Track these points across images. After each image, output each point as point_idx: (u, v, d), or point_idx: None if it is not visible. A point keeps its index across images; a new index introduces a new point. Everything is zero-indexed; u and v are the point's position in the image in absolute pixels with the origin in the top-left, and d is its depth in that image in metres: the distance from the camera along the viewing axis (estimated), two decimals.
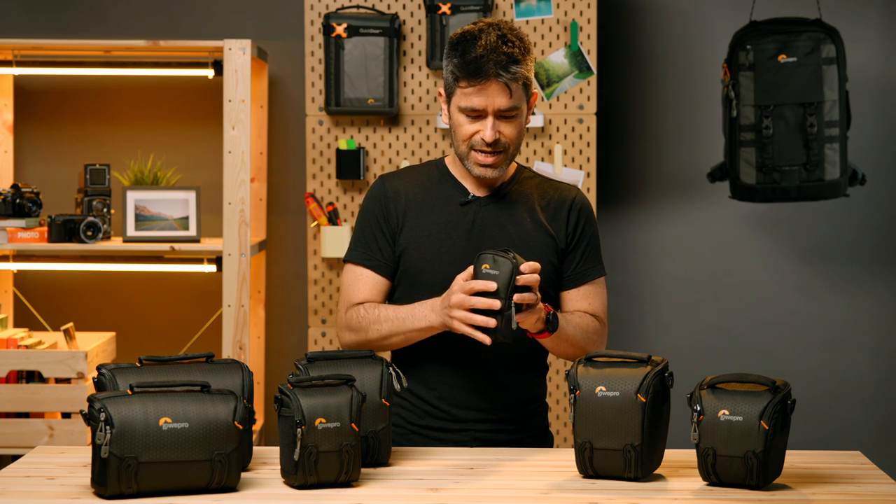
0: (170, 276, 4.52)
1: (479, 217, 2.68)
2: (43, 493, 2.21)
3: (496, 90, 2.56)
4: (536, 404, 2.74)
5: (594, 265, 2.73)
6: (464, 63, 2.56)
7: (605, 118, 4.47)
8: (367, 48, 4.11)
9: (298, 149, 4.45)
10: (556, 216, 2.70)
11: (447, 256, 2.65)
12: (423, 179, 2.73)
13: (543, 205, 2.71)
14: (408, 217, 2.68)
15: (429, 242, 2.67)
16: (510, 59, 2.55)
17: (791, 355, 4.53)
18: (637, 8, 4.52)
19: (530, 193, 2.71)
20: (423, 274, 2.66)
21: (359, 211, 2.75)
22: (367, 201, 2.73)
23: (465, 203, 2.69)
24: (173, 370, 2.32)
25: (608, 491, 2.25)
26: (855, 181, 4.09)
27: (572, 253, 2.71)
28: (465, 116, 2.60)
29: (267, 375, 4.53)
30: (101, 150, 4.52)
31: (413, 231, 2.68)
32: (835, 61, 4.00)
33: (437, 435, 2.67)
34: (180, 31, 4.50)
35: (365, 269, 2.69)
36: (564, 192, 2.74)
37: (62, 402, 3.99)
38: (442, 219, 2.68)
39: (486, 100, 2.56)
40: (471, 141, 2.61)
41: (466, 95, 2.57)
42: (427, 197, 2.70)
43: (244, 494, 2.21)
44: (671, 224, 4.55)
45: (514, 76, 2.56)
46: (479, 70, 2.54)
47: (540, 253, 2.65)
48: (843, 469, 2.41)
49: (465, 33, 2.59)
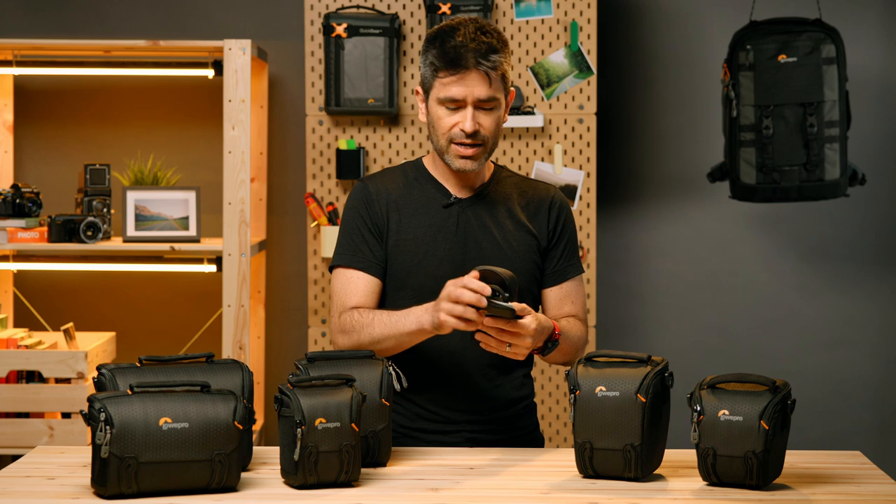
0: (170, 276, 4.52)
1: (463, 219, 2.68)
2: (43, 493, 2.21)
3: (476, 79, 2.57)
4: (525, 403, 2.75)
5: (573, 262, 2.76)
6: (443, 53, 2.57)
7: (605, 118, 4.47)
8: (367, 48, 4.11)
9: (298, 149, 4.45)
10: (536, 215, 2.72)
11: (434, 259, 2.65)
12: (404, 181, 2.73)
13: (523, 204, 2.72)
14: (391, 219, 2.68)
15: (414, 245, 2.67)
16: (489, 49, 2.57)
17: (791, 355, 4.53)
18: (637, 8, 4.52)
19: (510, 193, 2.73)
20: (410, 277, 2.66)
21: (342, 215, 2.73)
22: (351, 203, 2.72)
23: (447, 205, 2.69)
24: (173, 370, 2.32)
25: (608, 491, 2.25)
26: (855, 181, 4.09)
27: (553, 250, 2.73)
28: (445, 109, 2.60)
29: (267, 375, 4.53)
30: (101, 150, 4.52)
31: (398, 234, 2.67)
32: (835, 61, 4.00)
33: (428, 437, 2.68)
34: (180, 31, 4.50)
35: (356, 270, 2.67)
36: (543, 191, 2.76)
37: (62, 402, 3.99)
38: (426, 221, 2.68)
39: (466, 89, 2.57)
40: (450, 134, 2.61)
41: (445, 86, 2.58)
42: (409, 199, 2.70)
43: (244, 494, 2.21)
44: (671, 224, 4.55)
45: (494, 65, 2.57)
46: (458, 59, 2.56)
47: (523, 252, 2.68)
48: (843, 469, 2.41)
49: (442, 27, 2.62)
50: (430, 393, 2.68)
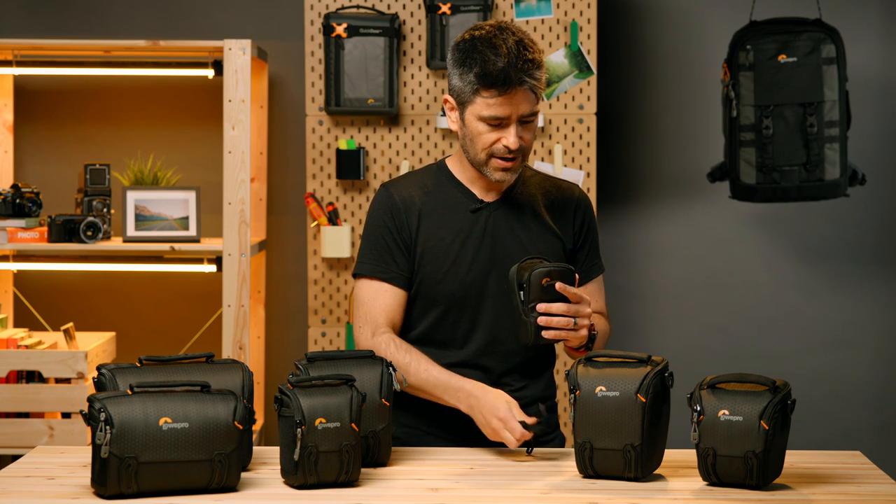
0: (170, 276, 4.52)
1: (490, 224, 2.66)
2: (43, 493, 2.21)
3: (521, 98, 2.53)
4: (547, 404, 2.73)
5: (596, 262, 2.77)
6: (486, 73, 2.51)
7: (605, 118, 4.47)
8: (367, 48, 4.11)
9: (298, 149, 4.45)
10: (561, 217, 2.71)
11: (462, 266, 2.64)
12: (429, 185, 2.69)
13: (548, 205, 2.71)
14: (419, 228, 2.65)
15: (442, 253, 2.64)
16: (534, 65, 2.52)
17: (791, 355, 4.53)
18: (637, 8, 4.52)
19: (535, 195, 2.71)
20: (440, 286, 2.64)
21: (366, 222, 2.69)
22: (375, 211, 2.68)
23: (475, 210, 2.67)
24: (173, 370, 2.32)
25: (608, 491, 2.25)
26: (855, 181, 4.09)
27: (579, 252, 2.73)
28: (486, 125, 2.56)
29: (267, 375, 4.53)
30: (101, 150, 4.52)
31: (426, 242, 2.65)
32: (835, 61, 4.00)
33: (448, 436, 2.66)
34: (180, 31, 4.50)
35: (382, 282, 2.64)
36: (567, 191, 2.75)
37: (62, 402, 3.99)
38: (454, 227, 2.65)
39: (512, 108, 2.53)
40: (492, 149, 2.58)
41: (490, 106, 2.53)
42: (435, 204, 2.67)
43: (244, 494, 2.21)
44: (671, 224, 4.55)
45: (538, 81, 2.54)
46: (507, 79, 2.50)
47: (548, 254, 2.66)
48: (843, 469, 2.41)
49: (478, 40, 2.53)
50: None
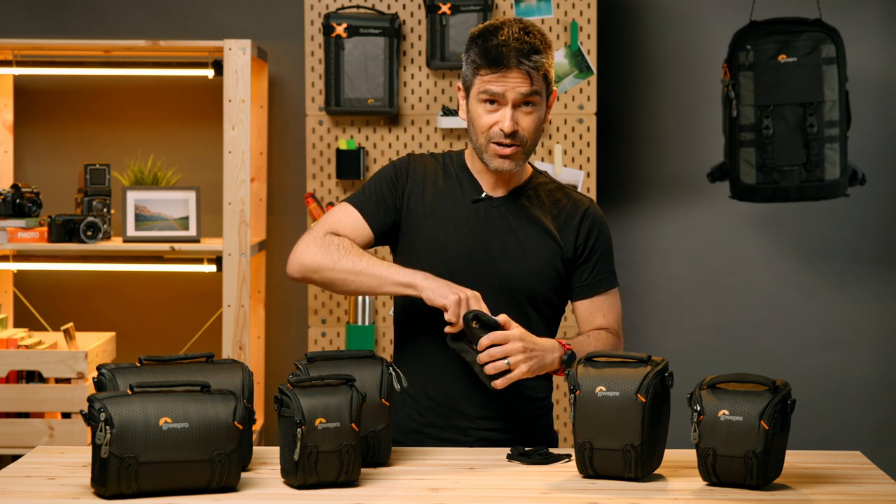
0: (170, 276, 4.52)
1: (490, 217, 2.68)
2: (43, 493, 2.21)
3: (517, 78, 2.56)
4: (541, 404, 2.74)
5: (606, 277, 2.74)
6: (485, 50, 2.57)
7: (605, 118, 4.47)
8: (367, 48, 4.11)
9: (298, 149, 4.45)
10: (565, 226, 2.70)
11: (453, 251, 2.65)
12: (443, 170, 2.73)
13: (555, 213, 2.71)
14: (413, 200, 2.68)
15: (435, 233, 2.66)
16: (532, 49, 2.56)
17: (791, 355, 4.53)
18: (637, 8, 4.52)
19: (543, 199, 2.71)
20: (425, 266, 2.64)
21: (379, 170, 2.75)
22: (389, 167, 2.73)
23: (476, 201, 2.69)
24: (173, 370, 2.32)
25: (608, 491, 2.25)
26: (855, 181, 4.09)
27: (583, 265, 2.71)
28: (484, 107, 2.59)
29: (267, 375, 4.53)
30: (101, 150, 4.52)
31: (422, 220, 2.67)
32: (835, 61, 4.00)
33: (440, 434, 2.67)
34: (180, 31, 4.50)
35: (359, 213, 2.68)
36: (577, 202, 2.73)
37: (62, 402, 3.99)
38: (453, 213, 2.68)
39: (506, 86, 2.56)
40: (489, 133, 2.60)
41: (486, 82, 2.57)
42: (443, 188, 2.70)
43: (244, 494, 2.21)
44: (671, 224, 4.55)
45: (536, 65, 2.57)
46: (500, 57, 2.55)
47: (545, 258, 2.66)
48: (843, 469, 2.41)
49: (486, 26, 2.61)
50: (443, 390, 2.66)
